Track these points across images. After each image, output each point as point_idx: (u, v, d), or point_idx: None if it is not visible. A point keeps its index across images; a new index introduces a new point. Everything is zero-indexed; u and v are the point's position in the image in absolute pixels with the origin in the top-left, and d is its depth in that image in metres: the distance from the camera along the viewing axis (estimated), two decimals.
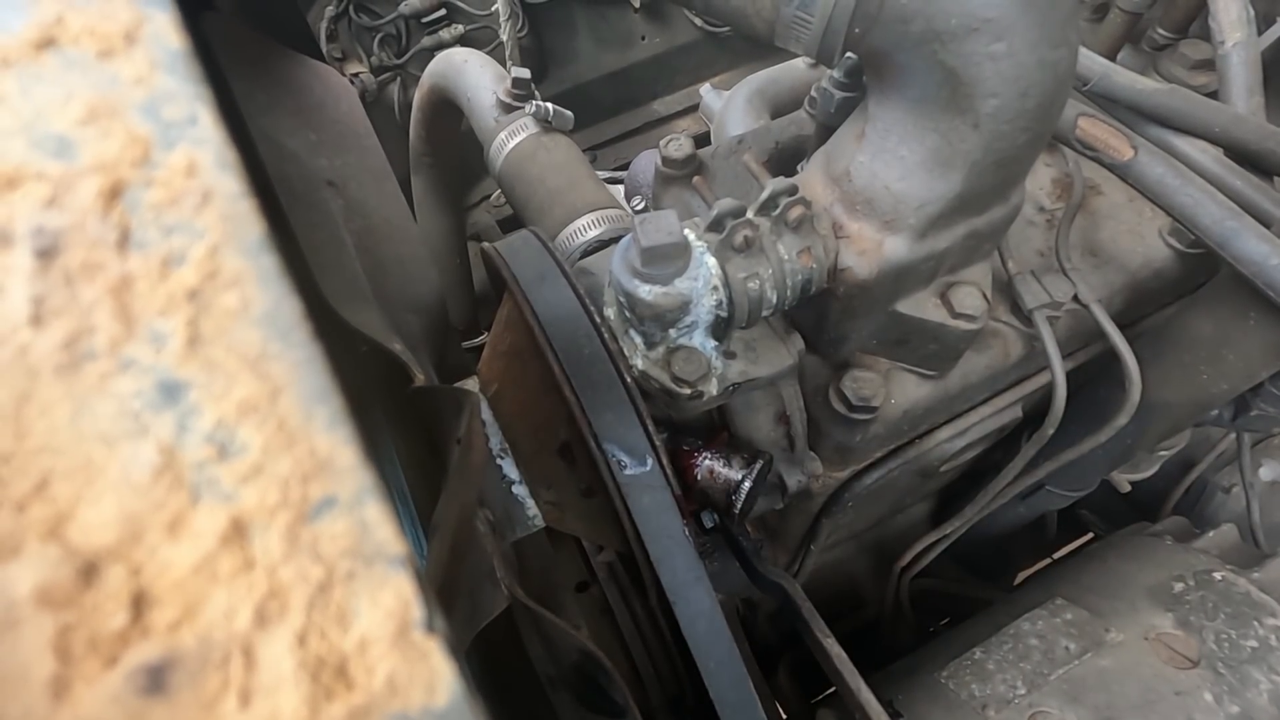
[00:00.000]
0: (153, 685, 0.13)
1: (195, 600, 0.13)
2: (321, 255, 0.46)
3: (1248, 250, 0.46)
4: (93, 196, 0.15)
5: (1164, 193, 0.50)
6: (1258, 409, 0.60)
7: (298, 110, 0.57)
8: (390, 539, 0.14)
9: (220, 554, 0.14)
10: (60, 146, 0.15)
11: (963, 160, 0.44)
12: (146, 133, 0.16)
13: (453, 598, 0.27)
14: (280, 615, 0.13)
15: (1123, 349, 0.55)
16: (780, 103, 0.87)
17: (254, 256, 0.15)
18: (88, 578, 0.13)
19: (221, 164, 0.15)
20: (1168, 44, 0.71)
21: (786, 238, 0.48)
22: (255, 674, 0.13)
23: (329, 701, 0.13)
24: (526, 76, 0.80)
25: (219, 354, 0.14)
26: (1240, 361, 0.54)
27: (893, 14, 0.40)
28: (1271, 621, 0.57)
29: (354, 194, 0.60)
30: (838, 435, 0.58)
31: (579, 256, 0.70)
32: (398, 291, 0.62)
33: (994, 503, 0.69)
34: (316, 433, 0.14)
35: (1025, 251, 0.62)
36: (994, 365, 0.59)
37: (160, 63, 0.16)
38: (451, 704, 0.13)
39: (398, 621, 0.13)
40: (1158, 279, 0.62)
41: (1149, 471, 0.79)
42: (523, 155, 0.78)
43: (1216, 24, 0.57)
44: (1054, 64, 0.42)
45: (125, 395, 0.14)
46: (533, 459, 0.54)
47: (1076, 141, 0.53)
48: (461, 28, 1.29)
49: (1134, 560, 0.66)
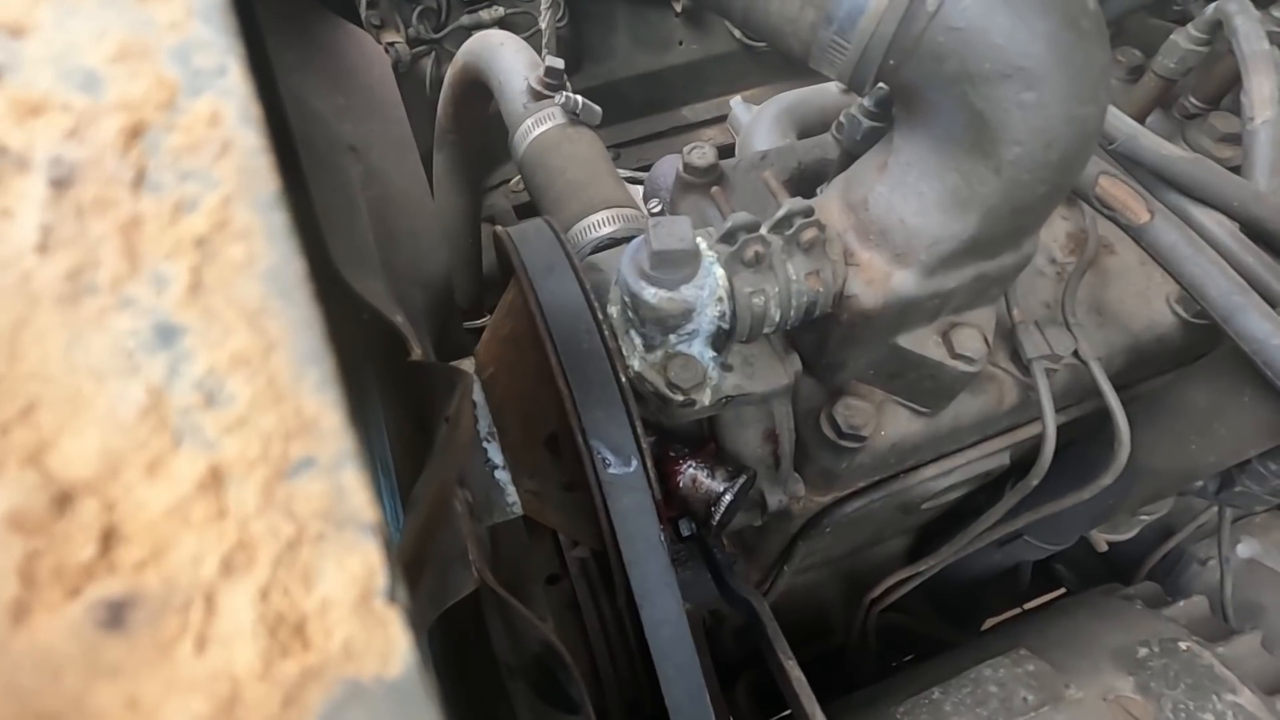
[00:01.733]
0: (112, 620, 0.13)
1: (164, 542, 0.13)
2: (335, 219, 0.46)
3: (1251, 327, 0.46)
4: (114, 134, 0.15)
5: (1175, 260, 0.50)
6: (1242, 485, 0.60)
7: (329, 72, 0.57)
8: (364, 506, 0.14)
9: (195, 500, 0.14)
10: (88, 80, 0.16)
11: (980, 203, 0.45)
12: (174, 78, 0.16)
13: (420, 573, 0.27)
14: (246, 568, 0.13)
15: (1116, 410, 0.55)
16: (808, 123, 0.87)
17: (265, 212, 0.15)
18: (61, 507, 0.13)
19: (245, 117, 0.16)
20: (1198, 113, 0.71)
21: (797, 258, 0.48)
22: (214, 622, 0.13)
23: (284, 658, 0.13)
24: (560, 66, 0.80)
25: (219, 303, 0.15)
26: (1230, 436, 0.54)
27: (929, 50, 0.40)
28: (1230, 698, 0.57)
29: (375, 162, 0.60)
30: (824, 460, 0.58)
31: (590, 251, 0.70)
32: (406, 264, 0.63)
33: (971, 546, 0.69)
34: (305, 393, 0.14)
35: (1032, 301, 0.62)
36: (987, 409, 0.59)
37: (196, 10, 0.16)
38: (405, 675, 0.13)
39: (361, 588, 0.13)
40: (1159, 344, 0.62)
41: (1128, 534, 0.79)
42: (546, 144, 0.78)
43: (1248, 100, 0.57)
44: (1082, 120, 0.42)
45: (121, 333, 0.14)
46: (519, 446, 0.54)
47: (1095, 199, 0.53)
48: (502, 10, 1.29)
49: (1102, 620, 0.66)
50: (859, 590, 0.83)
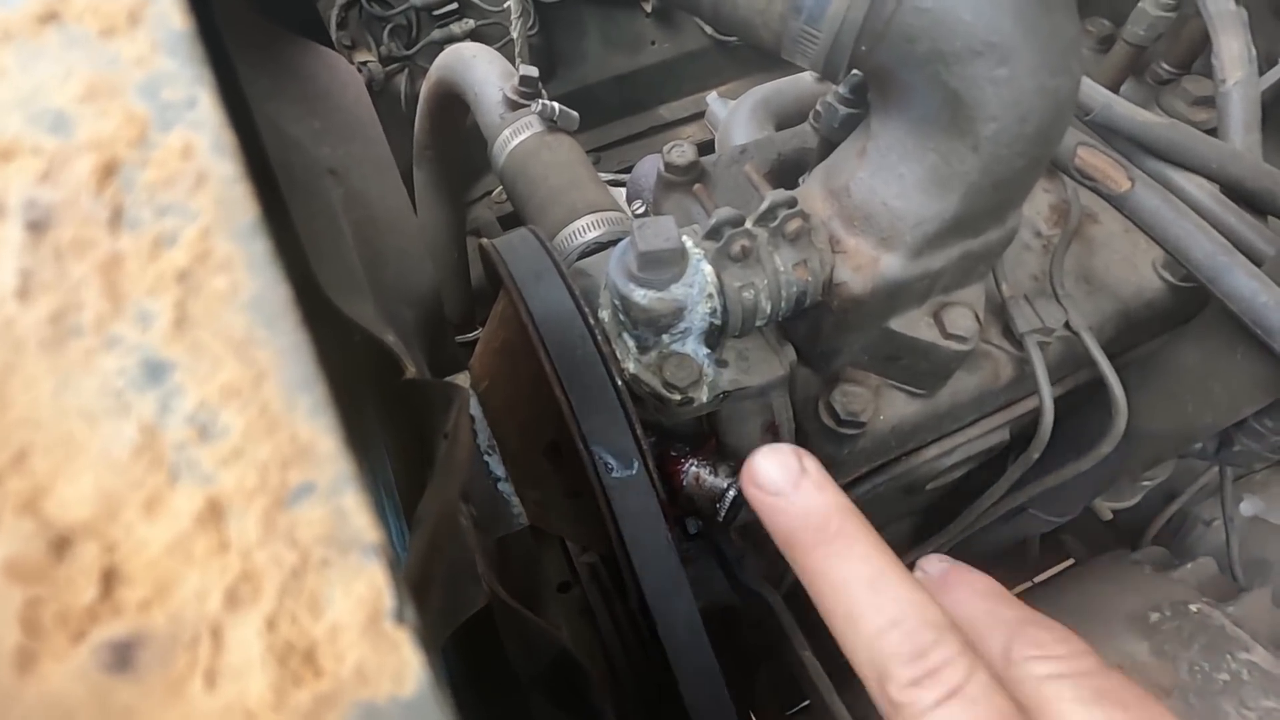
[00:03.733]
0: (119, 662, 0.13)
1: (167, 580, 0.13)
2: (319, 244, 0.46)
3: (1237, 286, 0.47)
4: (87, 173, 0.15)
5: (1158, 225, 0.50)
6: (1241, 444, 0.60)
7: (303, 97, 0.57)
8: (366, 528, 0.14)
9: (195, 535, 0.14)
10: (57, 122, 0.15)
11: (960, 181, 0.45)
12: (144, 113, 0.16)
13: (428, 591, 0.27)
14: (252, 599, 0.13)
15: (1110, 377, 0.55)
16: (785, 114, 0.87)
17: (246, 241, 0.15)
18: (60, 552, 0.13)
19: (218, 147, 0.16)
20: (1171, 79, 0.71)
21: (783, 249, 0.48)
22: (223, 656, 0.13)
23: (296, 687, 0.13)
24: (534, 75, 0.80)
25: (205, 336, 0.15)
26: (1225, 395, 0.54)
27: (899, 33, 0.41)
28: (1244, 656, 0.58)
29: (355, 184, 0.60)
30: (825, 448, 0.58)
31: (577, 257, 0.70)
32: (394, 283, 0.62)
33: (977, 523, 0.70)
34: (298, 420, 0.14)
35: (1020, 275, 0.62)
36: (983, 387, 0.59)
37: (162, 44, 0.16)
38: (419, 694, 0.13)
39: (369, 610, 0.13)
40: (1149, 310, 0.63)
41: (1132, 501, 0.79)
42: (526, 153, 0.78)
43: (1218, 61, 0.57)
44: (1054, 91, 0.42)
45: (109, 373, 0.14)
46: (520, 457, 0.54)
47: (1075, 170, 0.54)
48: (472, 22, 1.29)
49: (1112, 587, 0.66)
50: None
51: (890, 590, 0.26)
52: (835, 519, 0.28)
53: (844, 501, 0.29)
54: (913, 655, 0.24)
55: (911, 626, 0.25)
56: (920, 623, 0.25)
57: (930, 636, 0.25)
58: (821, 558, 0.27)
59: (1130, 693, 0.24)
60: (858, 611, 0.26)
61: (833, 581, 0.27)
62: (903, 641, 0.25)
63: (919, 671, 0.24)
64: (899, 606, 0.26)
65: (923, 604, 0.26)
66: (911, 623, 0.25)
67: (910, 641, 0.25)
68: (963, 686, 0.24)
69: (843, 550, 0.27)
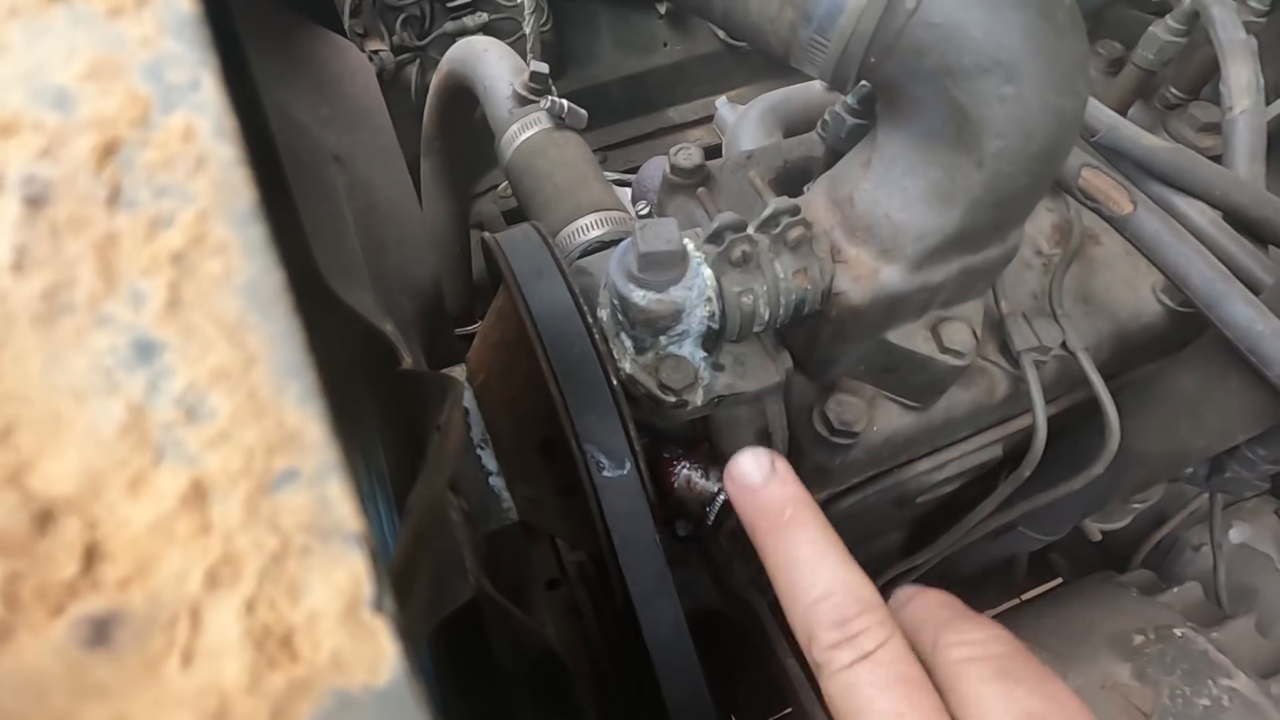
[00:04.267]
0: (97, 638, 0.13)
1: (148, 559, 0.13)
2: (321, 230, 0.46)
3: (1234, 314, 0.47)
4: (87, 151, 0.15)
5: (1158, 249, 0.50)
6: (1232, 470, 0.60)
7: (312, 83, 0.57)
8: (348, 517, 0.14)
9: (178, 516, 0.14)
10: (59, 99, 0.16)
11: (963, 197, 0.45)
12: (147, 94, 0.16)
13: (412, 582, 0.27)
14: (232, 582, 0.13)
15: (1105, 399, 0.55)
16: (793, 122, 0.87)
17: (242, 225, 0.15)
18: (42, 527, 0.13)
19: (219, 131, 0.16)
20: (1179, 104, 0.72)
21: (784, 256, 0.48)
22: (200, 637, 0.13)
23: (271, 671, 0.13)
24: (545, 71, 0.80)
25: (197, 319, 0.15)
26: (1218, 422, 0.55)
27: (908, 46, 0.41)
28: (1226, 682, 0.58)
29: (360, 172, 0.60)
30: (818, 457, 0.58)
31: (579, 255, 0.70)
32: (394, 273, 0.63)
33: (966, 539, 0.70)
34: (286, 406, 0.14)
35: (1019, 293, 0.62)
36: (978, 402, 0.59)
37: (168, 26, 0.16)
38: (394, 684, 0.13)
39: (348, 598, 0.14)
40: (1146, 333, 0.63)
41: (1121, 522, 0.80)
42: (533, 149, 0.78)
43: (1226, 89, 0.58)
44: (1061, 111, 0.42)
45: (99, 351, 0.14)
46: (513, 452, 0.54)
47: (1078, 190, 0.54)
48: (486, 16, 1.30)
49: (1098, 608, 0.66)
50: None
51: (827, 569, 0.30)
52: (790, 508, 0.33)
53: (802, 495, 0.34)
54: (836, 622, 0.29)
55: (839, 599, 0.29)
56: (847, 597, 0.30)
57: (854, 609, 0.29)
58: (775, 540, 0.32)
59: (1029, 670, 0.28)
60: (798, 584, 0.31)
61: (782, 559, 0.32)
62: (830, 611, 0.29)
63: (840, 636, 0.28)
64: (831, 582, 0.30)
65: (854, 583, 0.31)
66: (839, 596, 0.29)
67: (837, 611, 0.29)
68: (874, 652, 0.28)
69: (793, 534, 0.32)
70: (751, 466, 0.34)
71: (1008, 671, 0.27)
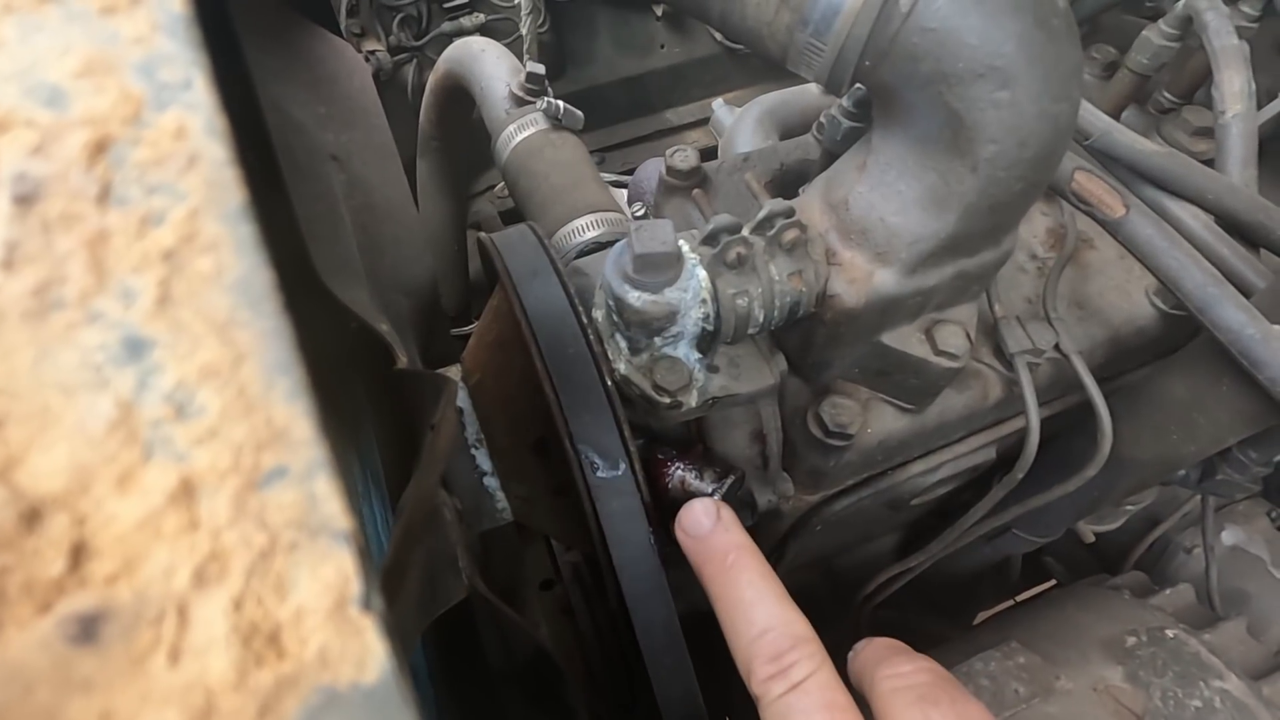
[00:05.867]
0: (84, 635, 0.13)
1: (136, 555, 0.13)
2: (317, 228, 0.46)
3: (1226, 318, 0.47)
4: (79, 148, 0.15)
5: (1151, 253, 0.51)
6: (1224, 473, 0.61)
7: (309, 82, 0.57)
8: (337, 514, 0.14)
9: (166, 512, 0.14)
10: (53, 96, 0.16)
11: (958, 201, 0.45)
12: (140, 92, 0.16)
13: (403, 580, 0.27)
14: (219, 578, 0.13)
15: (1098, 402, 0.56)
16: (790, 125, 0.88)
17: (233, 224, 0.15)
18: (30, 523, 0.13)
19: (211, 130, 0.16)
20: (1172, 108, 0.72)
21: (779, 259, 0.48)
22: (187, 634, 0.13)
23: (258, 667, 0.13)
24: (541, 72, 0.81)
25: (187, 316, 0.15)
26: (1210, 425, 0.55)
27: (903, 51, 0.41)
28: (1217, 684, 0.58)
29: (357, 170, 0.60)
30: (812, 459, 0.58)
31: (575, 256, 0.70)
32: (391, 272, 0.63)
33: (960, 541, 0.70)
34: (275, 403, 0.14)
35: (1014, 297, 0.63)
36: (972, 405, 0.60)
37: (161, 25, 0.16)
38: (381, 682, 0.13)
39: (335, 596, 0.14)
40: (1140, 337, 0.63)
41: (1114, 525, 0.80)
42: (529, 150, 0.78)
43: (1218, 94, 0.58)
44: (1055, 116, 0.42)
45: (89, 347, 0.14)
46: (508, 452, 0.54)
47: (1071, 194, 0.54)
48: (483, 17, 1.30)
49: (1090, 611, 0.67)
50: (851, 588, 0.83)
51: (764, 608, 0.34)
52: (733, 554, 0.37)
53: (744, 542, 0.38)
54: (771, 657, 0.32)
55: (775, 636, 0.33)
56: (782, 633, 0.33)
57: (788, 644, 0.32)
58: (720, 582, 0.36)
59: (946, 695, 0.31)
60: (739, 623, 0.34)
61: (726, 600, 0.35)
62: (766, 646, 0.32)
63: (774, 669, 0.32)
64: (769, 619, 0.33)
65: (789, 620, 0.34)
66: (775, 633, 0.33)
67: (772, 646, 0.32)
68: (803, 682, 0.31)
69: (736, 577, 0.36)
70: (700, 516, 0.40)
71: (927, 697, 0.31)
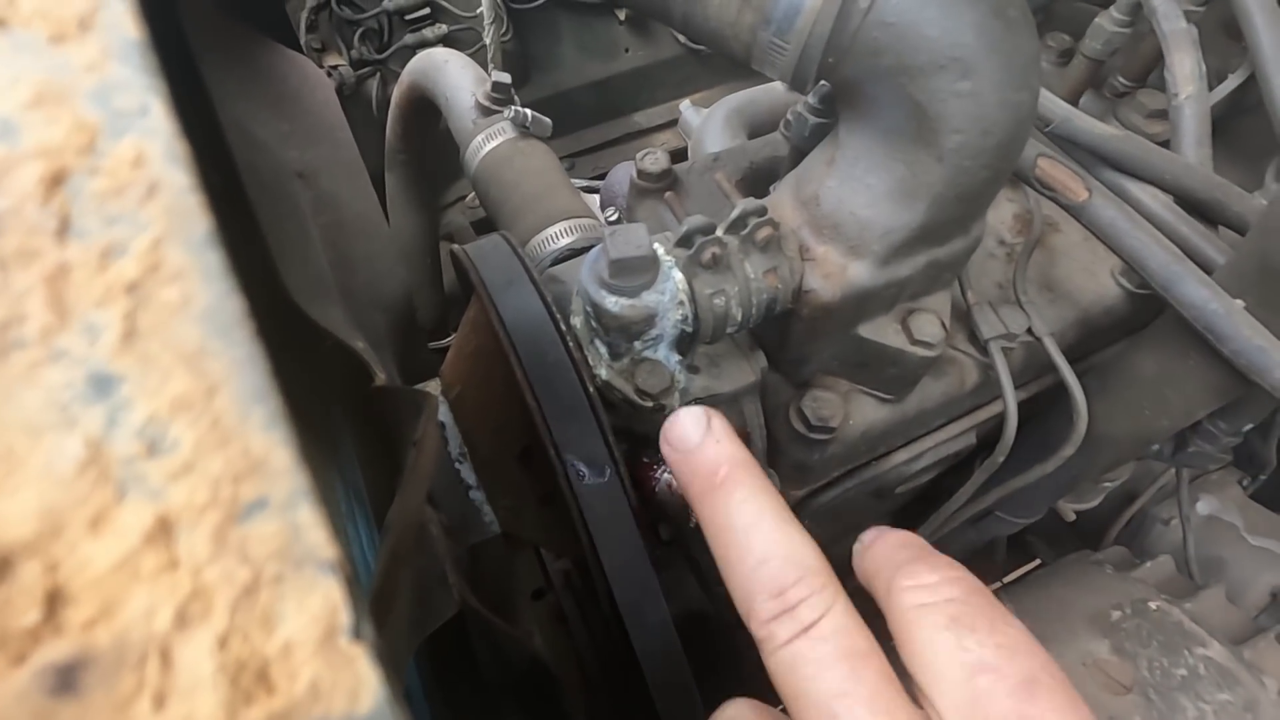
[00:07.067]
0: (62, 685, 0.12)
1: (114, 599, 0.13)
2: (287, 248, 0.45)
3: (1189, 294, 0.48)
4: (33, 182, 0.15)
5: (1114, 235, 0.52)
6: (1195, 445, 0.62)
7: (271, 99, 0.56)
8: (321, 543, 0.14)
9: (143, 552, 0.13)
10: (3, 129, 0.15)
11: (926, 192, 0.46)
12: (95, 120, 0.15)
13: (392, 601, 0.27)
14: (202, 617, 0.13)
15: (1072, 382, 0.57)
16: (758, 123, 0.88)
17: (198, 252, 0.15)
18: (0, 572, 0.13)
19: (171, 156, 0.15)
20: (1127, 91, 0.74)
21: (754, 257, 0.49)
22: (172, 676, 0.13)
23: (248, 706, 0.13)
24: (507, 81, 0.80)
25: (155, 349, 0.14)
26: (1180, 400, 0.56)
27: (865, 47, 0.41)
28: (1201, 651, 0.59)
29: (324, 187, 0.59)
30: (796, 453, 0.59)
31: (550, 263, 0.70)
32: (364, 288, 0.62)
33: (945, 526, 0.71)
34: (252, 432, 0.14)
35: (985, 283, 0.64)
36: (950, 392, 0.61)
37: (114, 51, 0.16)
38: (375, 712, 0.13)
39: (324, 626, 0.13)
40: (1108, 316, 0.65)
41: (1093, 502, 0.82)
42: (499, 159, 0.78)
43: (1170, 77, 0.60)
44: (1016, 105, 0.43)
45: (54, 386, 0.14)
46: (492, 463, 0.54)
47: (1035, 180, 0.55)
48: (445, 27, 1.29)
49: (1075, 587, 0.68)
50: (840, 577, 0.84)
51: (763, 532, 0.27)
52: (724, 468, 0.29)
53: (738, 454, 0.30)
54: (774, 592, 0.26)
55: (776, 565, 0.26)
56: (785, 561, 0.26)
57: (793, 574, 0.26)
58: (710, 504, 0.29)
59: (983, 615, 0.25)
60: (734, 552, 0.27)
61: (718, 525, 0.28)
62: (767, 579, 0.26)
63: (778, 607, 0.26)
64: (767, 546, 0.27)
65: (793, 545, 0.27)
66: (777, 561, 0.26)
67: (774, 579, 0.26)
68: (815, 624, 0.25)
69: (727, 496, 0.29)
70: (689, 426, 0.31)
71: (959, 618, 0.25)
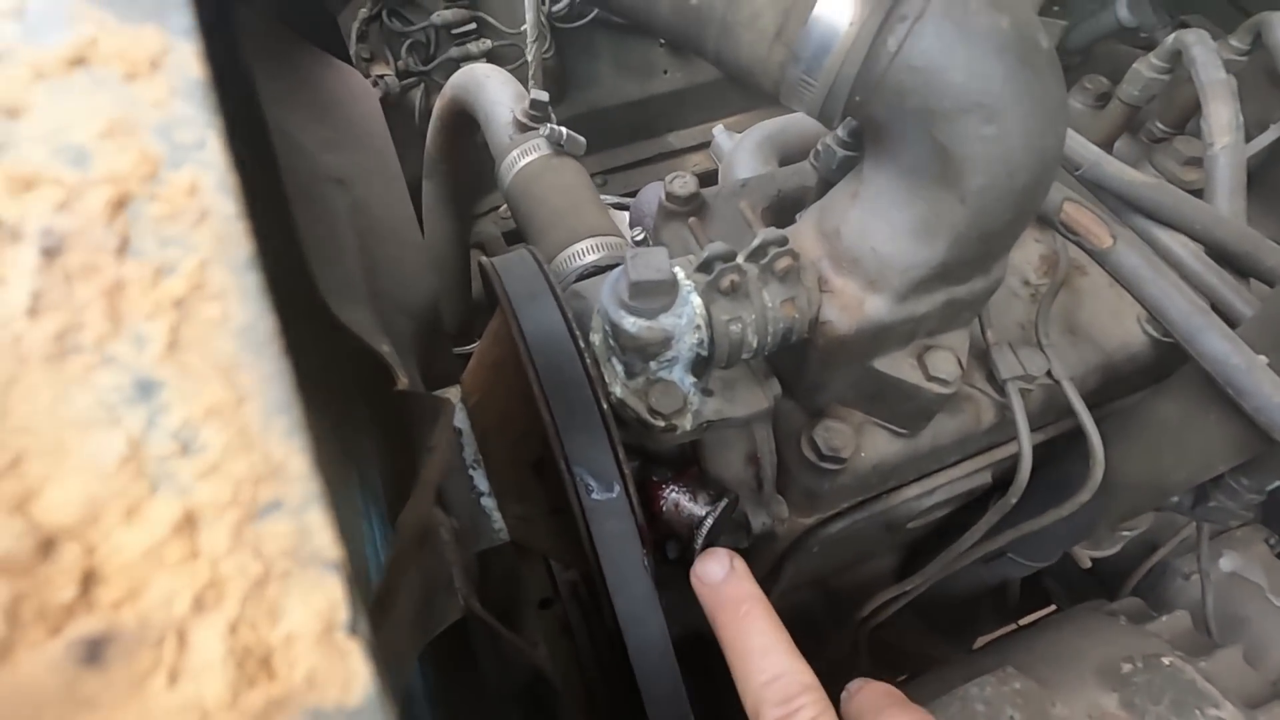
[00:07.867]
0: (90, 656, 0.14)
1: (140, 583, 0.14)
2: (320, 250, 0.47)
3: (1210, 347, 0.48)
4: (101, 205, 0.17)
5: (1137, 283, 0.51)
6: (1216, 500, 0.61)
7: (315, 106, 0.59)
8: (328, 545, 0.15)
9: (170, 542, 0.15)
10: (77, 156, 0.17)
11: (948, 231, 0.46)
12: (157, 152, 0.17)
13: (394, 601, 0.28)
14: (216, 604, 0.14)
15: (1090, 428, 0.56)
16: (789, 151, 0.89)
17: (240, 273, 0.16)
18: (45, 552, 0.14)
19: (222, 187, 0.17)
20: (1164, 138, 0.73)
21: (772, 286, 0.49)
22: (186, 656, 0.14)
23: (250, 689, 0.14)
24: (545, 99, 0.82)
25: (194, 360, 0.16)
26: (1200, 453, 0.55)
27: (892, 87, 0.42)
28: (1213, 712, 0.58)
29: (361, 193, 0.61)
30: (806, 482, 0.59)
31: (574, 279, 0.72)
32: (393, 293, 0.64)
33: (955, 564, 0.70)
34: (273, 440, 0.16)
35: (1006, 322, 0.63)
36: (964, 430, 0.60)
37: (179, 89, 0.18)
38: (364, 704, 0.14)
39: (324, 621, 0.15)
40: (1132, 363, 0.64)
41: (1111, 550, 0.80)
42: (531, 174, 0.80)
43: (1207, 126, 0.59)
44: (1041, 150, 0.44)
45: (104, 388, 0.16)
46: (506, 472, 0.55)
47: (1060, 224, 0.55)
48: (489, 43, 1.32)
49: (1087, 636, 0.66)
50: (849, 609, 0.83)
51: (775, 657, 0.38)
52: (745, 604, 0.40)
53: (756, 593, 0.42)
54: (780, 701, 0.35)
55: (785, 683, 0.36)
56: (791, 681, 0.36)
57: (796, 689, 0.36)
58: (733, 630, 0.40)
59: None
60: (750, 668, 0.37)
61: (738, 647, 0.39)
62: (776, 691, 0.36)
63: (783, 712, 0.35)
64: (779, 668, 0.37)
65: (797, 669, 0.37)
66: (785, 680, 0.36)
67: (781, 692, 0.36)
68: None
69: (748, 626, 0.39)
70: (714, 567, 0.43)
71: None
